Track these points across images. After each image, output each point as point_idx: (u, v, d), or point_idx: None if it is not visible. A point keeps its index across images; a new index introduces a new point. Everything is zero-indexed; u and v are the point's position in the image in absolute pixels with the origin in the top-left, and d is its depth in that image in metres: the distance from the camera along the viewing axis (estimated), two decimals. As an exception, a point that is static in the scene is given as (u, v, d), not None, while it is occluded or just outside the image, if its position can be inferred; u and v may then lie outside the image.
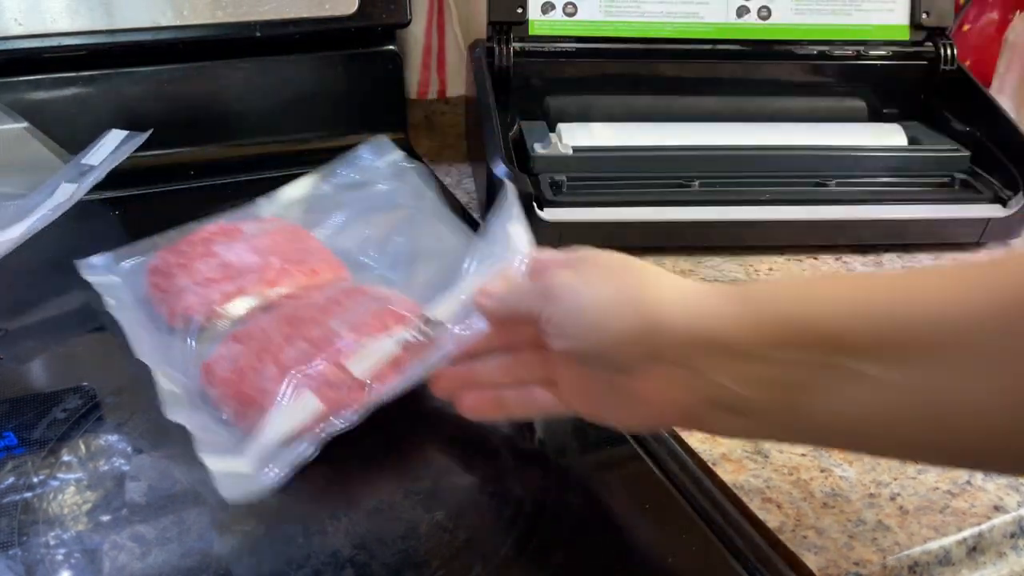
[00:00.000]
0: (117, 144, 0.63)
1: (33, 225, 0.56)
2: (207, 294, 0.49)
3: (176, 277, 0.51)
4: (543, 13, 0.70)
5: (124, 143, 0.63)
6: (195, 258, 0.52)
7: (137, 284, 0.53)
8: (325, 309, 0.46)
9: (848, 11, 0.73)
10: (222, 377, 0.44)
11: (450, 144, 0.84)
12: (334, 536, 0.39)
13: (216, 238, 0.54)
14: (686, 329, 0.33)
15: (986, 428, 0.28)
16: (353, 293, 0.48)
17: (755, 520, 0.41)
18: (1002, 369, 0.27)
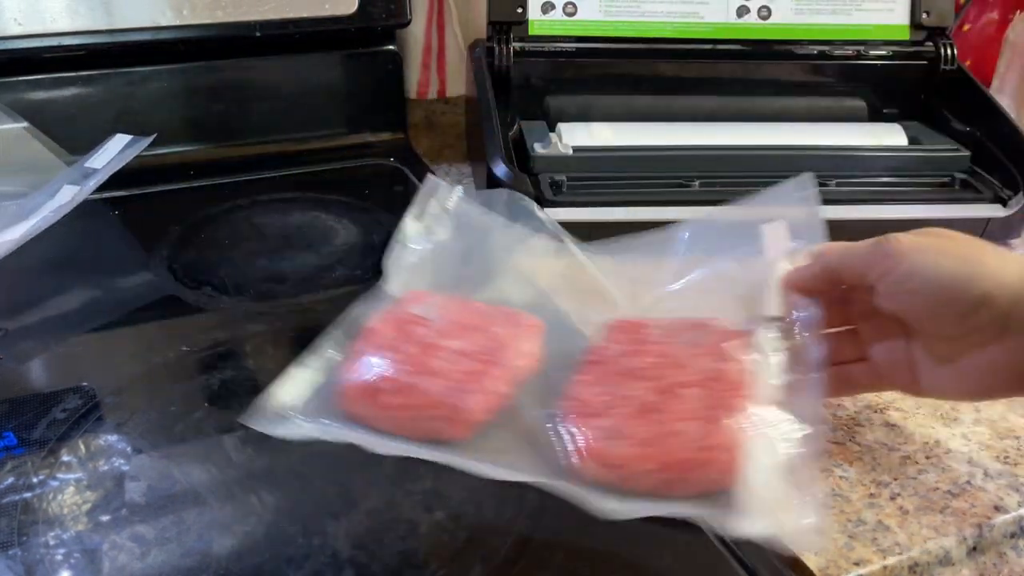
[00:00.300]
0: (121, 148, 0.64)
1: (34, 226, 0.56)
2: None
3: (424, 386, 0.43)
4: (543, 13, 0.70)
5: (128, 147, 0.64)
6: (428, 361, 0.44)
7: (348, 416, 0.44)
8: (680, 355, 0.43)
9: (848, 11, 0.73)
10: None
11: (450, 144, 0.84)
12: (334, 536, 0.39)
13: (412, 331, 0.46)
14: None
15: None
16: (673, 331, 0.45)
17: (755, 520, 0.41)
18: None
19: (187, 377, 0.49)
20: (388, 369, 0.43)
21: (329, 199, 0.70)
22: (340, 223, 0.67)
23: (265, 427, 0.42)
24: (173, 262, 0.60)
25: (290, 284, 0.59)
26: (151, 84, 0.71)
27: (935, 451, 0.45)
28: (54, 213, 0.57)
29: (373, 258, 0.62)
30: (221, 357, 0.51)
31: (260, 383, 0.48)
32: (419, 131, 0.87)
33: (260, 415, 0.43)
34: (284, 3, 0.71)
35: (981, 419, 0.48)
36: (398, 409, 0.43)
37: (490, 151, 0.62)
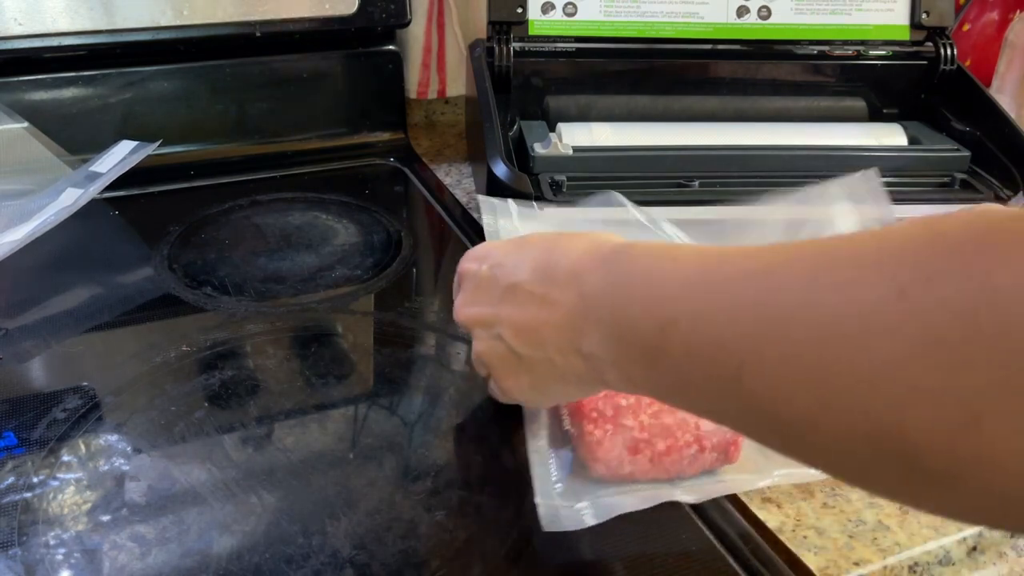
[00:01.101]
0: (126, 153, 0.64)
1: (37, 228, 0.56)
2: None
3: (671, 424, 0.41)
4: (543, 13, 0.70)
5: (133, 153, 0.64)
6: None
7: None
8: None
9: (848, 11, 0.73)
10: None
11: (450, 144, 0.84)
12: (334, 536, 0.39)
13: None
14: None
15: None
16: None
17: (755, 520, 0.41)
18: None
19: (187, 377, 0.49)
20: (627, 424, 0.41)
21: (329, 199, 0.70)
22: (340, 223, 0.67)
23: (566, 527, 0.39)
24: (173, 262, 0.60)
25: (290, 284, 0.59)
26: (151, 84, 0.71)
27: (935, 451, 0.45)
28: (56, 215, 0.57)
29: (373, 258, 0.62)
30: (221, 357, 0.51)
31: (260, 383, 0.48)
32: (419, 131, 0.87)
33: (555, 524, 0.38)
34: (284, 3, 0.71)
35: (981, 419, 0.48)
36: (666, 454, 0.41)
37: (490, 151, 0.62)
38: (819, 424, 0.24)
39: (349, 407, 0.48)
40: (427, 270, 0.63)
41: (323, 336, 0.54)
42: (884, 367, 0.22)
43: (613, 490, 0.41)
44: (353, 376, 0.50)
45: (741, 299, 0.27)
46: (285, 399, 0.47)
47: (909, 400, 0.22)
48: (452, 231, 0.68)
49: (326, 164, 0.76)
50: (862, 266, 0.24)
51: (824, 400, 0.24)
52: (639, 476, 0.41)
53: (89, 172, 0.62)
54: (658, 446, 0.41)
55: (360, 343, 0.54)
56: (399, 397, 0.49)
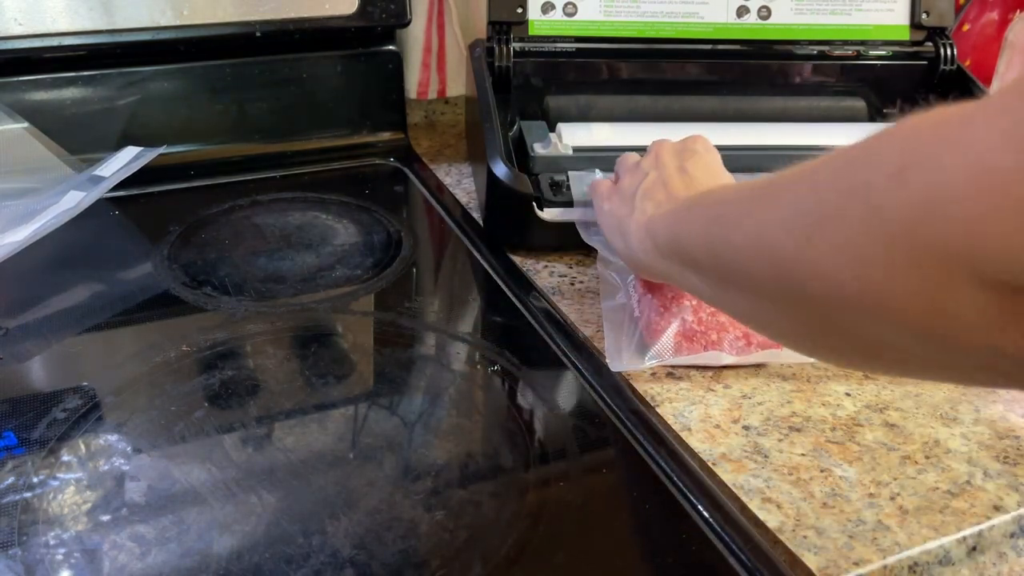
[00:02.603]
0: (130, 159, 0.65)
1: (39, 230, 0.56)
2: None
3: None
4: (543, 13, 0.70)
5: (137, 158, 0.65)
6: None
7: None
8: None
9: (848, 11, 0.73)
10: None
11: (450, 144, 0.84)
12: (334, 536, 0.39)
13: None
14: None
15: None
16: None
17: (755, 520, 0.41)
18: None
19: (187, 377, 0.49)
20: (687, 318, 0.50)
21: (329, 199, 0.70)
22: (340, 223, 0.67)
23: (626, 368, 0.50)
24: (173, 262, 0.60)
25: (290, 284, 0.59)
26: (152, 84, 0.71)
27: (935, 451, 0.45)
28: (58, 218, 0.57)
29: (373, 258, 0.62)
30: (221, 357, 0.51)
31: (260, 383, 0.49)
32: (419, 131, 0.87)
33: (619, 364, 0.50)
34: (284, 3, 0.71)
35: (981, 419, 0.48)
36: (717, 344, 0.50)
37: (490, 151, 0.62)
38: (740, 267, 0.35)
39: (349, 407, 0.48)
40: (427, 270, 0.63)
41: (323, 336, 0.54)
42: (774, 223, 0.32)
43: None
44: (353, 376, 0.50)
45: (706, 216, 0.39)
46: (285, 399, 0.48)
47: (772, 234, 0.32)
48: (452, 231, 0.68)
49: (326, 164, 0.76)
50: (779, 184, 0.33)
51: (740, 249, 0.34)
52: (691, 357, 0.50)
53: (92, 175, 0.63)
54: (711, 337, 0.50)
55: (360, 343, 0.54)
56: (399, 397, 0.49)
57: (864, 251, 0.27)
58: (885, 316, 0.27)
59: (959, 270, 0.24)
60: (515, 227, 0.63)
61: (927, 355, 0.28)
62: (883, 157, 0.27)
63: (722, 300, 0.40)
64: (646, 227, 0.46)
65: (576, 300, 0.58)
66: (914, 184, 0.25)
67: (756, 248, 0.33)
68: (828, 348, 0.34)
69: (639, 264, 0.48)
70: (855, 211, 0.27)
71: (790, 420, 0.47)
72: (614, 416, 0.47)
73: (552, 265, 0.62)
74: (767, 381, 0.50)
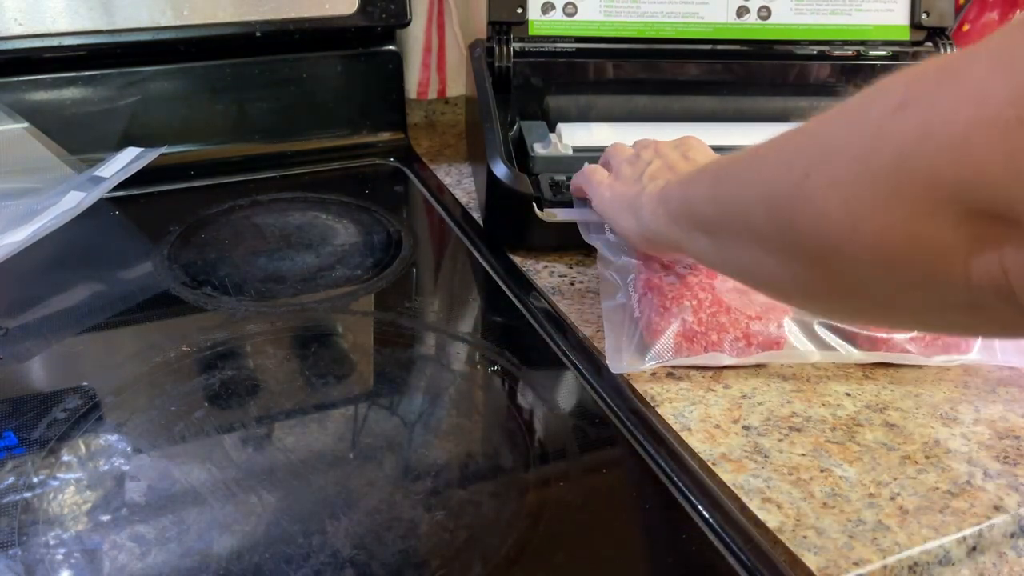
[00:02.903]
0: (131, 160, 0.65)
1: (39, 230, 0.56)
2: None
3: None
4: (543, 13, 0.70)
5: (138, 159, 0.65)
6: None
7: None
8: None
9: (848, 11, 0.73)
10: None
11: (450, 144, 0.84)
12: (334, 536, 0.39)
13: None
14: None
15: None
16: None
17: (755, 520, 0.41)
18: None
19: (187, 377, 0.49)
20: (687, 319, 0.50)
21: (329, 199, 0.70)
22: (340, 223, 0.67)
23: (626, 369, 0.50)
24: (173, 262, 0.60)
25: (290, 284, 0.59)
26: (152, 84, 0.71)
27: (935, 451, 0.45)
28: (58, 218, 0.57)
29: (373, 258, 0.62)
30: (221, 357, 0.51)
31: (260, 383, 0.48)
32: (419, 131, 0.87)
33: (619, 365, 0.50)
34: (284, 3, 0.71)
35: (981, 419, 0.48)
36: (717, 344, 0.50)
37: (490, 151, 0.62)
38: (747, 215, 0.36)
39: (349, 407, 0.48)
40: (427, 270, 0.63)
41: (323, 336, 0.54)
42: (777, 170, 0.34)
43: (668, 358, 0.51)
44: (353, 376, 0.50)
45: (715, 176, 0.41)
46: (285, 399, 0.48)
47: (771, 174, 0.34)
48: (452, 231, 0.68)
49: (326, 164, 0.76)
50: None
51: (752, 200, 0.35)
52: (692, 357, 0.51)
53: (93, 176, 0.63)
54: (711, 337, 0.50)
55: (360, 343, 0.54)
56: (399, 397, 0.49)
57: (856, 185, 0.28)
58: (868, 251, 0.28)
59: (943, 199, 0.25)
60: (515, 227, 0.63)
61: (908, 296, 0.30)
62: (887, 95, 0.28)
63: (726, 259, 0.40)
64: (659, 196, 0.47)
65: (576, 300, 0.58)
66: (912, 116, 0.26)
67: (755, 191, 0.35)
68: (820, 298, 0.36)
69: (649, 236, 0.48)
70: (854, 147, 0.29)
71: (790, 420, 0.47)
72: (614, 416, 0.47)
73: (552, 265, 0.62)
74: (767, 381, 0.50)
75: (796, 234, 0.32)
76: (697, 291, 0.51)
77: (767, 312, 0.51)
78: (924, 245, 0.27)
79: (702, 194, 0.42)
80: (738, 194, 0.37)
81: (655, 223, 0.47)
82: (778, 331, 0.50)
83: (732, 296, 0.51)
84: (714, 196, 0.40)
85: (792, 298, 0.40)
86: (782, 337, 0.51)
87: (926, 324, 0.41)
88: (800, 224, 0.31)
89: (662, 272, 0.52)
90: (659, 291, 0.51)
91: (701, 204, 0.41)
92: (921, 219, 0.26)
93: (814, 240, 0.31)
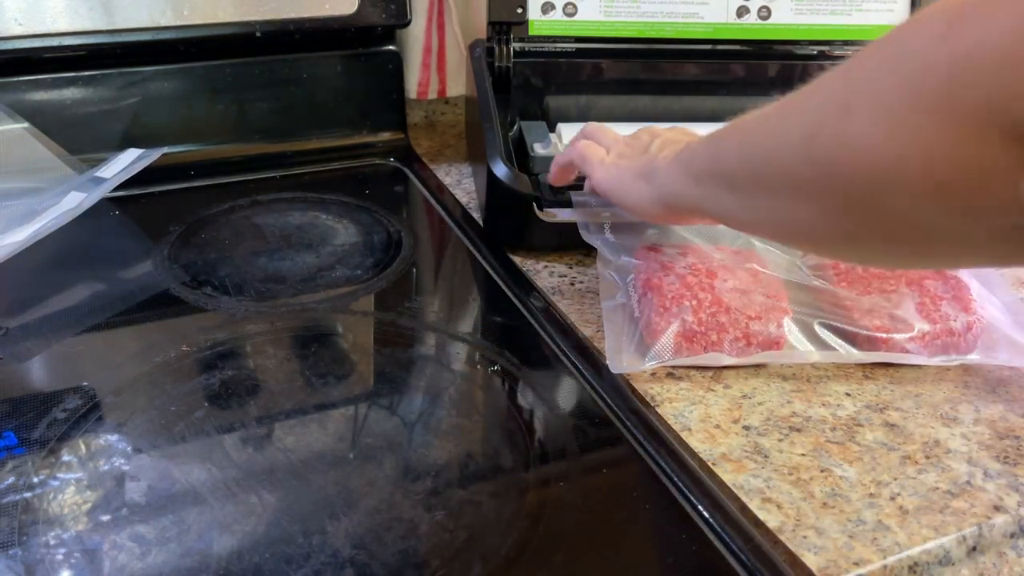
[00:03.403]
0: (132, 160, 0.65)
1: (39, 231, 0.56)
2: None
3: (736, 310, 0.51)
4: (543, 13, 0.70)
5: (138, 160, 0.65)
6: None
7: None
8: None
9: (848, 11, 0.73)
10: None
11: (450, 144, 0.84)
12: (334, 536, 0.39)
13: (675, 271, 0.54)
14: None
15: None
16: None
17: (755, 520, 0.41)
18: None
19: (187, 377, 0.49)
20: (687, 319, 0.50)
21: (329, 199, 0.70)
22: (340, 223, 0.67)
23: (626, 369, 0.50)
24: (173, 262, 0.60)
25: (290, 284, 0.59)
26: (152, 84, 0.71)
27: (935, 451, 0.45)
28: (58, 219, 0.57)
29: (373, 258, 0.62)
30: (221, 357, 0.51)
31: (260, 383, 0.48)
32: (419, 131, 0.87)
33: (618, 365, 0.50)
34: (284, 3, 0.71)
35: (981, 419, 0.48)
36: (717, 344, 0.50)
37: (490, 151, 0.62)
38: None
39: (349, 407, 0.48)
40: (427, 270, 0.63)
41: (323, 336, 0.54)
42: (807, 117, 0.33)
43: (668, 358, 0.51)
44: (353, 376, 0.50)
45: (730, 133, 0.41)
46: (285, 399, 0.48)
47: (808, 119, 0.33)
48: (452, 231, 0.68)
49: (326, 164, 0.76)
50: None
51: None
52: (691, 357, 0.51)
53: (94, 177, 0.63)
54: (711, 337, 0.50)
55: (360, 343, 0.54)
56: (399, 397, 0.49)
57: (904, 112, 0.28)
58: (916, 180, 0.28)
59: (992, 124, 0.25)
60: (515, 227, 0.63)
61: (953, 227, 0.29)
62: (928, 24, 0.28)
63: (756, 215, 0.39)
64: (677, 158, 0.45)
65: (576, 300, 0.58)
66: (959, 40, 0.26)
67: (792, 136, 0.34)
68: (860, 242, 0.35)
69: (667, 201, 0.47)
70: (899, 75, 0.28)
71: (790, 420, 0.47)
72: (614, 416, 0.47)
73: (552, 265, 0.62)
74: (767, 381, 0.50)
75: (838, 174, 0.31)
76: (697, 291, 0.51)
77: (767, 312, 0.51)
78: (973, 168, 0.26)
79: (730, 148, 0.40)
80: (772, 143, 0.36)
81: (673, 185, 0.45)
82: (778, 331, 0.50)
83: (732, 296, 0.51)
84: (744, 149, 0.39)
85: (829, 246, 0.39)
86: (782, 337, 0.51)
87: (967, 258, 0.41)
88: (843, 162, 0.30)
89: (662, 272, 0.52)
90: (659, 291, 0.51)
91: (729, 159, 0.40)
92: (971, 142, 0.26)
93: (859, 177, 0.30)
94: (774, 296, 0.51)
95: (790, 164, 0.34)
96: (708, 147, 0.43)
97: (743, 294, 0.51)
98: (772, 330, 0.50)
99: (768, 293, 0.52)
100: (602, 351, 0.51)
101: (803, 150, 0.33)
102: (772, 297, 0.51)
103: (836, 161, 0.31)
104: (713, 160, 0.42)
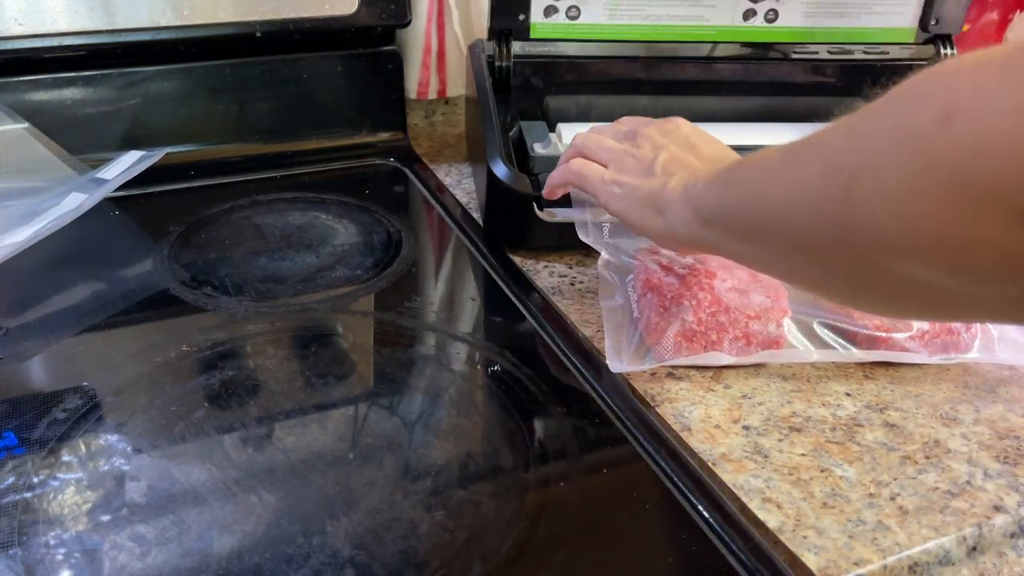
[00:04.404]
0: (133, 162, 0.65)
1: (40, 231, 0.56)
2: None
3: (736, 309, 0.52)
4: (546, 16, 0.70)
5: (140, 162, 0.65)
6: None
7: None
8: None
9: (857, 15, 0.73)
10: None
11: (450, 144, 0.84)
12: (334, 536, 0.39)
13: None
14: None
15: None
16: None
17: (755, 520, 0.41)
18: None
19: (187, 377, 0.49)
20: (687, 319, 0.50)
21: (329, 199, 0.70)
22: (340, 223, 0.67)
23: (626, 369, 0.50)
24: (173, 262, 0.60)
25: (290, 284, 0.59)
26: (152, 84, 0.71)
27: (935, 451, 0.45)
28: (59, 219, 0.57)
29: (373, 258, 0.62)
30: (221, 357, 0.51)
31: (260, 383, 0.48)
32: (419, 131, 0.87)
33: (618, 365, 0.50)
34: (284, 3, 0.71)
35: (981, 419, 0.48)
36: (717, 344, 0.50)
37: (490, 151, 0.62)
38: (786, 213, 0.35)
39: (349, 407, 0.48)
40: (427, 270, 0.63)
41: (323, 336, 0.54)
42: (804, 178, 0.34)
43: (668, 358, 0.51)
44: (353, 376, 0.50)
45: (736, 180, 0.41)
46: (285, 399, 0.48)
47: (812, 184, 0.33)
48: (452, 231, 0.68)
49: (326, 164, 0.76)
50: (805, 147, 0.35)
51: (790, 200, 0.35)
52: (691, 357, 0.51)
53: (95, 178, 0.63)
54: (711, 337, 0.50)
55: (360, 343, 0.54)
56: (399, 397, 0.49)
57: (911, 198, 0.28)
58: (923, 254, 0.28)
59: (1001, 207, 0.25)
60: (515, 227, 0.63)
61: (961, 289, 0.29)
62: (924, 102, 0.28)
63: (771, 264, 0.40)
64: (686, 198, 0.45)
65: (576, 300, 0.58)
66: (961, 128, 0.26)
67: (798, 201, 0.34)
68: (874, 299, 0.35)
69: (683, 240, 0.46)
70: (896, 155, 0.28)
71: (790, 420, 0.47)
72: (614, 416, 0.47)
73: (552, 265, 0.62)
74: (767, 381, 0.50)
75: (848, 243, 0.31)
76: (696, 291, 0.51)
77: (766, 312, 0.51)
78: (991, 247, 0.26)
79: (738, 201, 0.40)
80: (778, 203, 0.36)
81: (686, 227, 0.45)
82: (777, 331, 0.50)
83: (732, 296, 0.51)
84: (751, 203, 0.39)
85: (842, 300, 0.39)
86: (782, 337, 0.51)
87: (972, 316, 0.41)
88: (848, 240, 0.31)
89: (662, 272, 0.52)
90: (659, 291, 0.51)
91: (739, 211, 0.40)
92: (987, 224, 0.26)
93: (867, 248, 0.30)
94: (773, 296, 0.51)
95: (798, 231, 0.34)
96: (716, 194, 0.43)
97: (742, 294, 0.51)
98: (772, 330, 0.50)
99: (767, 293, 0.52)
100: (602, 351, 0.51)
101: (810, 220, 0.33)
102: (771, 297, 0.51)
103: (842, 239, 0.31)
104: (722, 211, 0.42)
